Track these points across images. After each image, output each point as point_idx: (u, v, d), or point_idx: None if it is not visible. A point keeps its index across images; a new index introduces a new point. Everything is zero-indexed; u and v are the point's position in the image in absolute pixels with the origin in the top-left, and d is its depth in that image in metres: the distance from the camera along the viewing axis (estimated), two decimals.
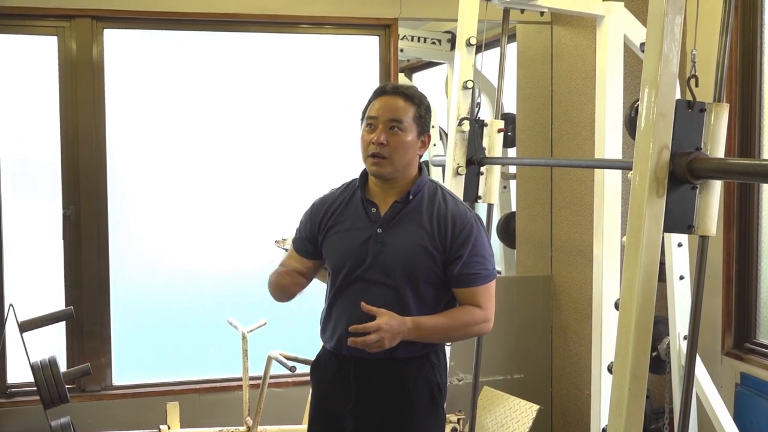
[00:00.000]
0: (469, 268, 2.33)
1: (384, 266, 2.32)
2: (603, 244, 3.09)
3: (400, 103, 2.33)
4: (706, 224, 1.68)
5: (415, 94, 2.38)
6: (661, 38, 1.59)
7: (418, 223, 2.34)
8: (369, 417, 2.39)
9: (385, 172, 2.33)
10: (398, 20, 4.28)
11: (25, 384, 3.84)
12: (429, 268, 2.32)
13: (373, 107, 2.36)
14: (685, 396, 1.78)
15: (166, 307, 4.22)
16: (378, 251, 2.33)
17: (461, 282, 2.35)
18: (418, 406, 2.38)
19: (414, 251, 2.32)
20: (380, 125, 2.31)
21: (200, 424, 3.88)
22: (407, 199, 2.36)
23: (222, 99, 4.22)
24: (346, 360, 2.38)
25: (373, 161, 2.32)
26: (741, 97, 3.63)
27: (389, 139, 2.30)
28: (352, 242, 2.36)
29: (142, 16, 3.99)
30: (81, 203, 3.99)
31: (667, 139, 1.61)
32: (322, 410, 2.48)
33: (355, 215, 2.40)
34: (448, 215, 2.35)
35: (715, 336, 3.76)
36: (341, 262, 2.37)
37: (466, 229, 2.34)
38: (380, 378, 2.36)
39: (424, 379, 2.38)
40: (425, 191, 2.39)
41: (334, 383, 2.42)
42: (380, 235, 2.34)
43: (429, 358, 2.40)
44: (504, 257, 5.29)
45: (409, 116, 2.33)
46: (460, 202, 2.45)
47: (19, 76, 3.98)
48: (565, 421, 4.49)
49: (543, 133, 4.59)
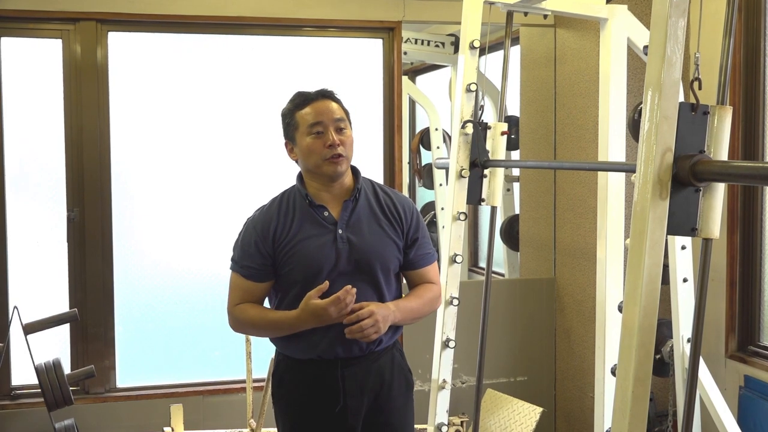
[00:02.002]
0: (423, 248, 2.51)
1: (359, 263, 2.38)
2: (606, 246, 3.09)
3: (333, 104, 2.43)
4: (709, 227, 1.68)
5: (334, 93, 2.48)
6: (665, 41, 1.59)
7: (376, 217, 2.45)
8: (357, 413, 2.42)
9: (343, 169, 2.41)
10: (402, 23, 4.28)
11: (30, 386, 3.86)
12: (396, 256, 2.46)
13: (307, 116, 2.40)
14: (688, 399, 1.78)
15: (170, 310, 4.22)
16: (348, 251, 2.38)
17: (418, 263, 2.51)
18: (397, 395, 2.48)
19: (383, 244, 2.42)
20: (329, 129, 2.38)
21: (204, 427, 3.89)
22: (356, 196, 2.44)
23: (225, 102, 4.23)
24: (330, 363, 2.39)
25: (333, 162, 2.38)
26: (744, 99, 3.63)
27: (341, 139, 2.39)
28: (319, 248, 2.37)
29: (147, 19, 4.00)
30: (85, 206, 4.00)
31: (670, 142, 1.62)
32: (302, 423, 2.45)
33: (308, 222, 2.41)
34: (397, 204, 2.49)
35: (718, 339, 3.75)
36: (314, 269, 2.36)
37: (414, 214, 2.51)
38: (365, 372, 2.42)
39: (399, 368, 2.50)
40: (365, 187, 2.49)
41: (313, 390, 2.42)
42: (343, 236, 2.39)
43: (396, 347, 2.52)
44: (507, 260, 5.29)
45: (344, 114, 2.45)
46: (395, 190, 2.62)
47: (24, 79, 3.99)
48: (568, 423, 4.49)
49: (546, 136, 4.59)
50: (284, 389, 2.48)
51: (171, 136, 4.19)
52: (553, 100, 4.55)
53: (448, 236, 3.17)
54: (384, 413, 2.46)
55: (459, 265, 3.18)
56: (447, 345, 3.18)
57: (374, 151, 4.33)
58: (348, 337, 2.28)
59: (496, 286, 4.33)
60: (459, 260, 3.16)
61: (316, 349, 2.38)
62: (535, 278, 4.74)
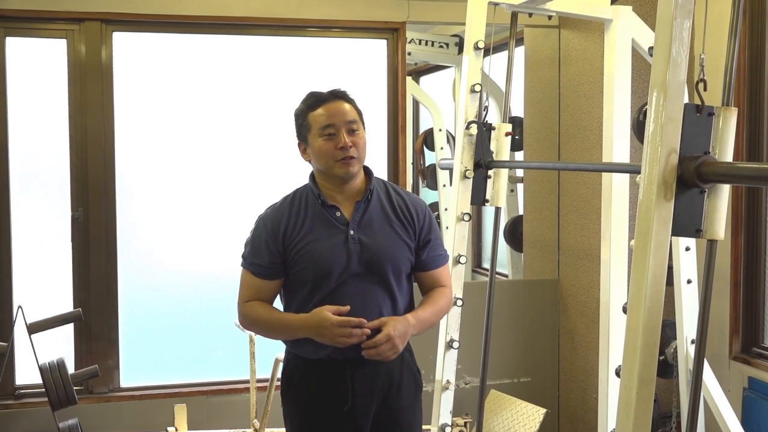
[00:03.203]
0: (435, 250, 2.50)
1: (370, 265, 2.37)
2: (610, 247, 3.09)
3: (346, 105, 2.41)
4: (714, 228, 1.67)
5: (348, 94, 2.46)
6: (670, 42, 1.59)
7: (388, 218, 2.43)
8: (366, 413, 2.41)
9: (355, 170, 2.40)
10: (406, 24, 4.28)
11: (34, 386, 3.86)
12: (408, 258, 2.44)
13: (320, 117, 2.39)
14: (693, 400, 1.77)
15: (174, 310, 4.23)
16: (359, 252, 2.37)
17: (431, 264, 2.49)
18: (406, 395, 2.47)
19: (394, 245, 2.41)
20: (341, 131, 2.36)
21: (207, 427, 3.89)
22: (369, 197, 2.43)
23: (230, 102, 4.23)
24: (339, 363, 2.39)
25: (345, 163, 2.37)
26: (749, 101, 3.63)
27: (353, 140, 2.37)
28: (331, 248, 2.37)
29: (151, 20, 4.01)
30: (89, 205, 4.00)
31: (675, 143, 1.61)
32: (310, 424, 2.45)
33: (320, 222, 2.40)
34: (410, 205, 2.48)
35: (722, 340, 3.75)
36: (325, 269, 2.36)
37: (427, 215, 2.50)
38: (374, 372, 2.41)
39: (408, 368, 2.49)
40: (377, 187, 2.48)
41: (322, 390, 2.41)
42: (355, 236, 2.38)
43: (407, 347, 2.48)
44: (511, 261, 5.28)
45: (357, 116, 2.42)
46: (409, 191, 2.60)
47: (29, 79, 4.00)
48: (572, 424, 4.49)
49: (550, 137, 4.59)
50: (293, 389, 2.47)
51: (175, 136, 4.19)
52: (557, 101, 4.55)
53: (452, 237, 3.17)
54: (393, 413, 2.45)
55: (463, 266, 3.18)
56: (451, 346, 3.19)
57: (378, 151, 4.33)
58: (366, 357, 2.29)
59: (499, 287, 4.33)
60: (463, 261, 3.16)
61: (326, 350, 2.37)
62: (538, 279, 4.74)
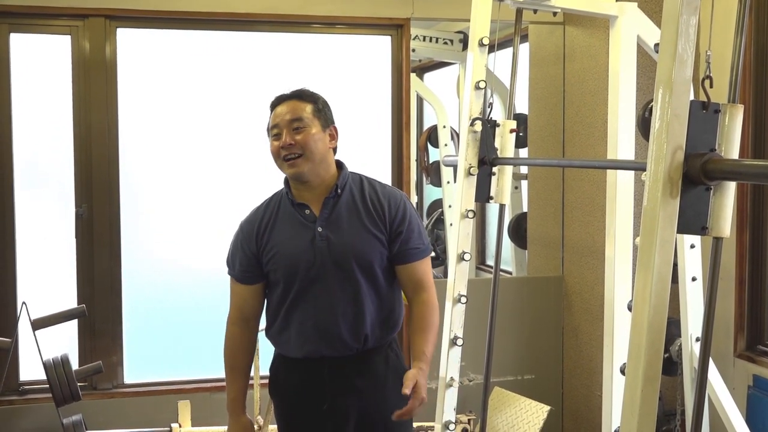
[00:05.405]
0: (409, 243, 2.46)
1: (336, 261, 2.37)
2: (615, 245, 3.07)
3: (294, 104, 2.42)
4: (720, 226, 1.67)
5: (306, 92, 2.47)
6: (676, 39, 1.58)
7: (356, 212, 2.42)
8: (347, 413, 2.43)
9: (303, 170, 2.38)
10: (410, 20, 4.27)
11: (38, 381, 3.87)
12: (378, 251, 2.42)
13: (271, 119, 2.44)
14: (698, 398, 1.77)
15: (178, 306, 4.23)
16: (325, 248, 2.37)
17: (404, 257, 2.46)
18: (391, 395, 2.44)
19: (361, 239, 2.40)
20: (284, 130, 2.38)
21: (211, 423, 3.89)
22: (336, 192, 2.42)
23: (234, 99, 4.23)
24: (317, 362, 2.41)
25: (289, 164, 2.38)
26: (755, 98, 3.61)
27: (295, 138, 2.37)
28: (298, 246, 2.39)
29: (155, 16, 4.01)
30: (93, 202, 4.01)
31: (681, 140, 1.60)
32: (293, 421, 2.50)
33: (291, 221, 2.43)
34: (381, 197, 2.45)
35: (727, 338, 3.74)
36: (293, 268, 2.38)
37: (400, 207, 2.46)
38: (355, 372, 2.43)
39: (393, 369, 2.49)
40: (351, 183, 2.46)
41: (302, 389, 2.44)
42: (322, 233, 2.38)
43: (392, 347, 2.51)
44: (515, 258, 5.28)
45: (307, 112, 2.41)
46: (387, 185, 2.55)
47: (33, 75, 4.00)
48: (576, 422, 4.48)
49: (555, 134, 4.58)
50: (278, 386, 2.53)
51: (179, 133, 4.20)
52: (562, 98, 4.54)
53: (456, 234, 3.16)
54: (379, 413, 2.44)
55: (467, 263, 3.17)
56: (455, 343, 3.17)
57: (382, 148, 4.32)
58: (395, 419, 2.30)
59: (503, 284, 4.32)
60: (467, 258, 3.15)
61: (303, 349, 2.40)
62: (543, 276, 4.73)
